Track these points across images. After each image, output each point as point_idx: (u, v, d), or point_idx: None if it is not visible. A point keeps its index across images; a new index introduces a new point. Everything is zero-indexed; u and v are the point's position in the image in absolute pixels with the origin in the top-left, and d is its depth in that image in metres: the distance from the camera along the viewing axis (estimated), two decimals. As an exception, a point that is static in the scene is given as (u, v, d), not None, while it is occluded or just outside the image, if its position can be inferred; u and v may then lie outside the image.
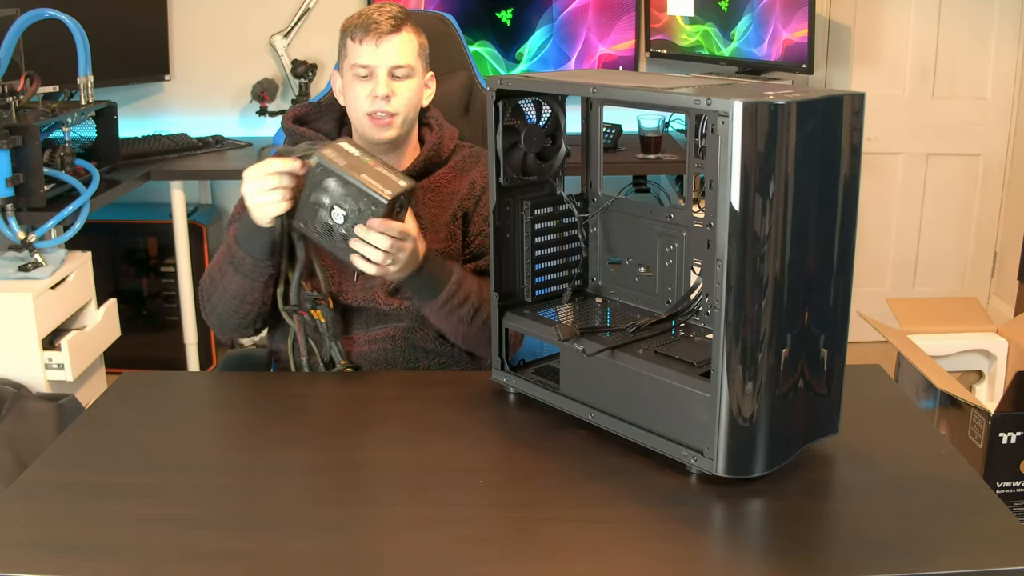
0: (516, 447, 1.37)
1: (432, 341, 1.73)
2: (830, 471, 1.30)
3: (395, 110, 1.71)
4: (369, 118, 1.71)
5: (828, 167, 1.20)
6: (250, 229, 1.60)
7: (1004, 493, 2.20)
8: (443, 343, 1.74)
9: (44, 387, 2.46)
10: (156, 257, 3.48)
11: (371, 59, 1.69)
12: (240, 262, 1.63)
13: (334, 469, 1.34)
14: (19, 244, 2.47)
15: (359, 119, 1.73)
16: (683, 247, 1.40)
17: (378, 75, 1.69)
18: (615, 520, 1.18)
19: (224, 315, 1.71)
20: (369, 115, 1.71)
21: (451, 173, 1.81)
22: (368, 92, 1.70)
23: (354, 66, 1.70)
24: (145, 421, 1.47)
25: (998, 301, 3.84)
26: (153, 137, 3.34)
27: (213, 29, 3.56)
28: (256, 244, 1.61)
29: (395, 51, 1.70)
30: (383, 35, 1.69)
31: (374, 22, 1.69)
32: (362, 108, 1.71)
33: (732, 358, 1.17)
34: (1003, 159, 3.78)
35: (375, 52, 1.69)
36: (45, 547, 1.13)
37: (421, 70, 1.75)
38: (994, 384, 2.69)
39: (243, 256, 1.62)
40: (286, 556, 1.11)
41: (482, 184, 1.80)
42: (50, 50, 2.74)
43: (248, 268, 1.63)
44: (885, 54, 3.70)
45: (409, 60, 1.72)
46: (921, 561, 1.09)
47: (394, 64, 1.70)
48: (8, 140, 2.34)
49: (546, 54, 3.48)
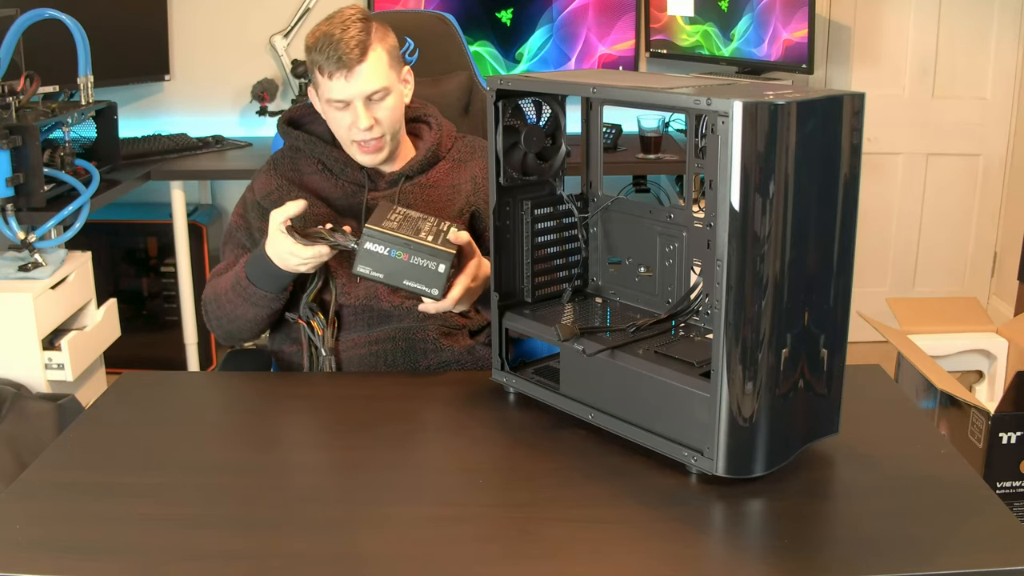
0: (516, 447, 1.37)
1: (432, 341, 1.73)
2: (830, 471, 1.30)
3: (380, 134, 1.69)
4: (356, 146, 1.70)
5: (828, 167, 1.20)
6: (269, 273, 1.63)
7: (1004, 493, 2.19)
8: (443, 343, 1.73)
9: (44, 387, 2.46)
10: (156, 257, 3.48)
11: (344, 93, 1.65)
12: (252, 295, 1.67)
13: (334, 469, 1.34)
14: (19, 244, 2.47)
15: (346, 145, 1.73)
16: (683, 247, 1.40)
17: (356, 107, 1.66)
18: (615, 520, 1.18)
19: (232, 332, 1.76)
20: (356, 143, 1.70)
21: (448, 165, 1.81)
22: (349, 123, 1.67)
23: (329, 101, 1.67)
24: (145, 421, 1.47)
25: (998, 301, 3.84)
26: (153, 137, 3.34)
27: (213, 29, 3.56)
28: (274, 284, 1.65)
29: (367, 78, 1.64)
30: (352, 66, 1.63)
31: (340, 55, 1.62)
32: (347, 137, 1.70)
33: (732, 358, 1.17)
34: (1003, 159, 3.78)
35: (347, 86, 1.64)
36: (45, 547, 1.13)
37: (397, 79, 1.70)
38: (994, 384, 2.69)
39: (256, 291, 1.66)
40: (286, 556, 1.11)
41: (483, 178, 1.79)
42: (50, 50, 2.74)
43: (260, 300, 1.67)
44: (885, 54, 3.70)
45: (383, 82, 1.66)
46: (921, 561, 1.09)
47: (369, 92, 1.65)
48: (8, 140, 2.34)
49: (546, 54, 3.48)
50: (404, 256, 1.49)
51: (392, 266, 1.49)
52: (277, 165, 1.80)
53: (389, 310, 1.71)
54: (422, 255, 1.49)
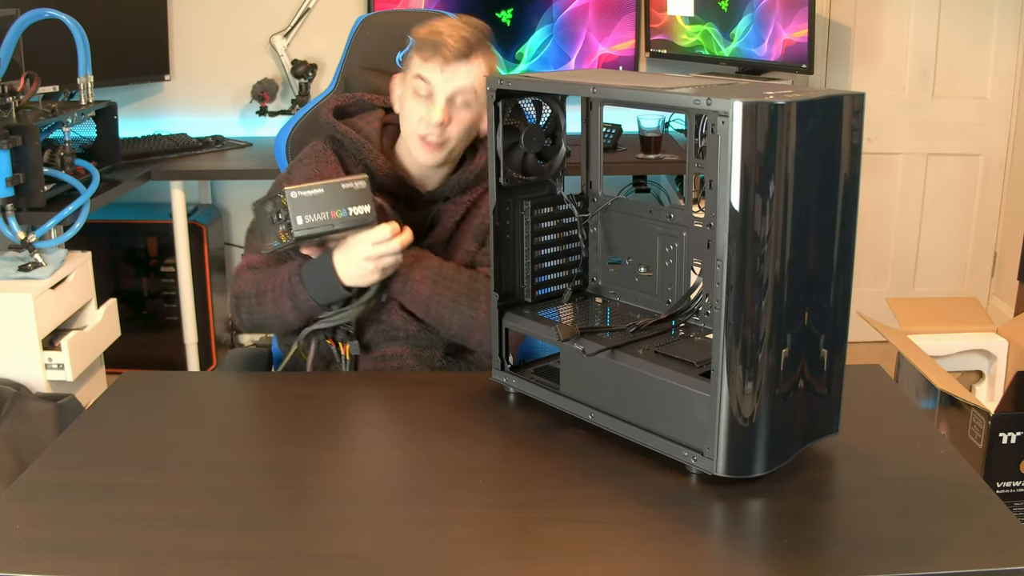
0: (516, 447, 1.37)
1: (440, 359, 1.72)
2: (830, 471, 1.30)
3: (447, 138, 1.66)
4: (420, 140, 1.66)
5: (828, 167, 1.20)
6: (330, 287, 1.61)
7: (1004, 493, 2.19)
8: (450, 361, 1.73)
9: (44, 387, 2.46)
10: (156, 257, 3.48)
11: (434, 80, 1.62)
12: (303, 303, 1.63)
13: (334, 469, 1.34)
14: (19, 244, 2.47)
15: (410, 135, 1.68)
16: (683, 247, 1.40)
17: (437, 98, 1.63)
18: (615, 520, 1.18)
19: (262, 328, 1.73)
20: (421, 137, 1.66)
21: (482, 189, 1.76)
22: (423, 114, 1.64)
23: (416, 77, 1.64)
24: (145, 421, 1.47)
25: (998, 301, 3.84)
26: (153, 137, 3.35)
27: (213, 29, 3.56)
28: (330, 296, 1.62)
29: (462, 76, 1.63)
30: (449, 61, 1.61)
31: (443, 44, 1.61)
32: (414, 128, 1.66)
33: (732, 358, 1.17)
34: (1003, 159, 3.78)
35: (438, 75, 1.62)
36: (45, 547, 1.13)
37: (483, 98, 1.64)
38: (994, 384, 2.69)
39: (307, 299, 1.63)
40: (286, 556, 1.11)
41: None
42: (50, 50, 2.74)
43: (309, 308, 1.64)
44: (885, 54, 3.70)
45: (476, 85, 1.63)
46: (921, 561, 1.09)
47: (455, 90, 1.63)
48: (8, 140, 2.34)
49: (546, 54, 3.48)
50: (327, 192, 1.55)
51: (322, 203, 1.54)
52: (319, 158, 1.73)
53: (399, 325, 1.69)
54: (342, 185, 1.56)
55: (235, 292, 1.71)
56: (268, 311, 1.67)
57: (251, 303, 1.68)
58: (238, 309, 1.71)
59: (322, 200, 1.54)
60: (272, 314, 1.67)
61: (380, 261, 1.58)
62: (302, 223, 1.53)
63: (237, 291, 1.70)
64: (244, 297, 1.69)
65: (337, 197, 1.55)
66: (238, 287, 1.70)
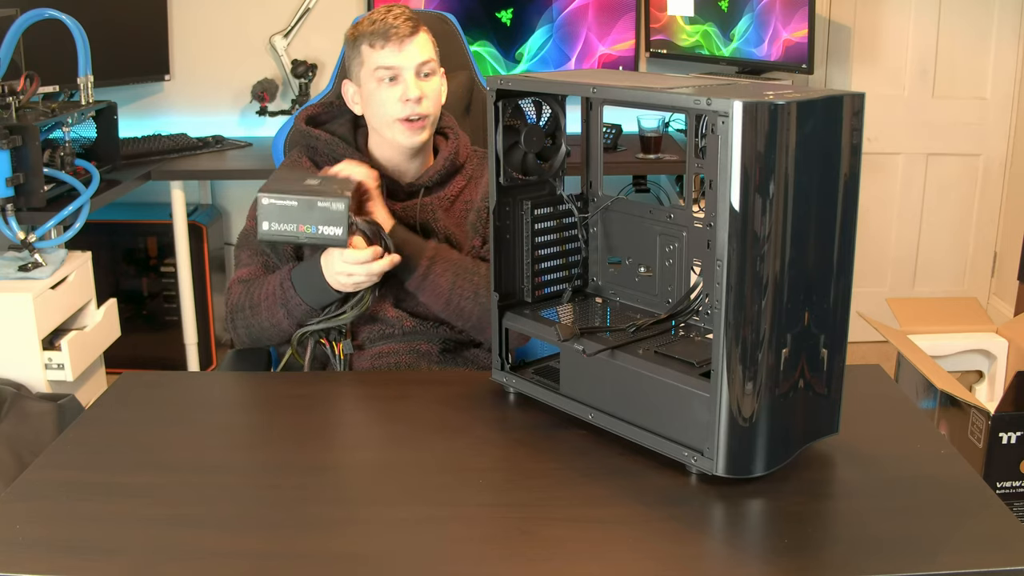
0: (516, 447, 1.37)
1: (436, 355, 1.72)
2: (830, 471, 1.30)
3: (426, 111, 1.70)
4: (402, 123, 1.69)
5: (828, 167, 1.20)
6: (320, 290, 1.63)
7: (1004, 493, 2.19)
8: (446, 357, 1.73)
9: (44, 387, 2.46)
10: (156, 257, 3.48)
11: (395, 60, 1.67)
12: (296, 308, 1.66)
13: (334, 469, 1.34)
14: (19, 244, 2.47)
15: (389, 125, 1.71)
16: (683, 247, 1.40)
17: (405, 77, 1.68)
18: (615, 520, 1.18)
19: (260, 339, 1.74)
20: (401, 120, 1.69)
21: (464, 181, 1.81)
22: (398, 95, 1.68)
23: (378, 68, 1.68)
24: (145, 421, 1.47)
25: (998, 301, 3.84)
26: (153, 137, 3.34)
27: (213, 29, 3.56)
28: (321, 300, 1.65)
29: (419, 48, 1.69)
30: (404, 38, 1.67)
31: (391, 26, 1.66)
32: (392, 114, 1.69)
33: (732, 358, 1.17)
34: (1003, 159, 3.78)
35: (399, 55, 1.67)
36: (45, 547, 1.13)
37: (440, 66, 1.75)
38: (994, 384, 2.69)
39: (300, 303, 1.65)
40: (286, 556, 1.11)
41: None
42: (50, 50, 2.74)
43: (302, 313, 1.66)
44: (885, 54, 3.70)
45: (432, 55, 1.71)
46: (921, 561, 1.09)
47: (420, 61, 1.68)
48: (8, 140, 2.34)
49: (546, 54, 3.48)
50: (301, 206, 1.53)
51: (292, 215, 1.53)
52: (295, 167, 1.78)
53: (393, 321, 1.70)
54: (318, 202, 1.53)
55: (229, 307, 1.74)
56: (263, 321, 1.69)
57: (246, 315, 1.70)
58: (234, 323, 1.73)
59: (293, 212, 1.54)
60: (268, 323, 1.69)
61: (351, 278, 1.60)
62: (267, 229, 1.54)
63: (231, 305, 1.73)
64: (239, 309, 1.71)
65: (310, 213, 1.54)
66: (231, 301, 1.73)
